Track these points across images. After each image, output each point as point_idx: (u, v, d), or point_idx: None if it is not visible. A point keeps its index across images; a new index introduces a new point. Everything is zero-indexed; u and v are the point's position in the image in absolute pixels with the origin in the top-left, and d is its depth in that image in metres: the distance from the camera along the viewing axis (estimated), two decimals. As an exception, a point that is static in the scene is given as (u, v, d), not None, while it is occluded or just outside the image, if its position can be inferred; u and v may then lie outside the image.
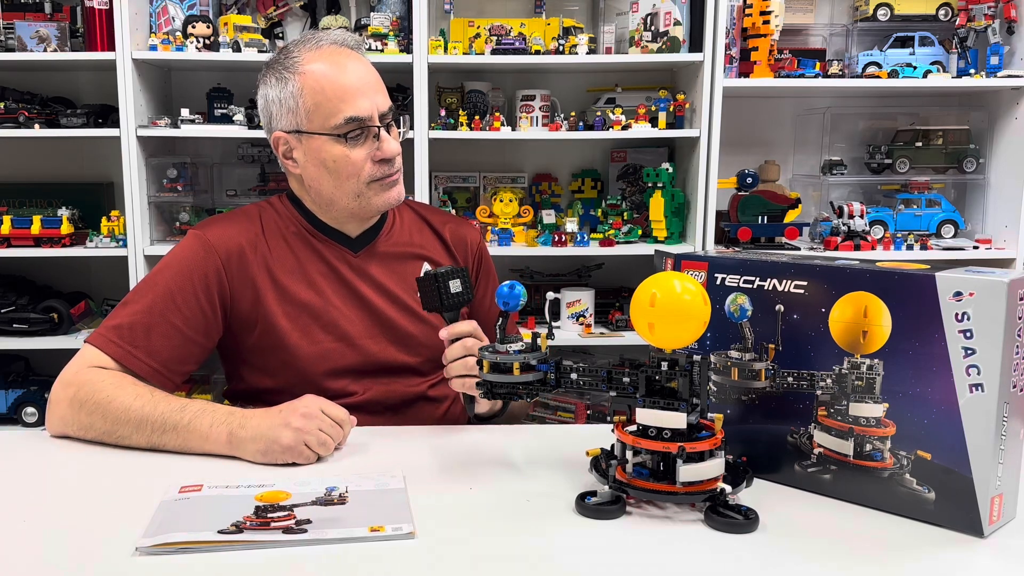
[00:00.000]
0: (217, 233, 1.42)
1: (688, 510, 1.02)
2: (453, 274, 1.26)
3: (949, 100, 2.85)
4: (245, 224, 1.45)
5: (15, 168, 2.73)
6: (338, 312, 1.44)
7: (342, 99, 1.36)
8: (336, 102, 1.36)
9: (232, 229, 1.44)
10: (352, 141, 1.38)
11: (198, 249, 1.40)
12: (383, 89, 1.42)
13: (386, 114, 1.41)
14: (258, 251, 1.43)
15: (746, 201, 2.59)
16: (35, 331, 2.53)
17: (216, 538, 0.93)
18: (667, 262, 1.18)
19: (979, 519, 0.95)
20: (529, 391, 1.07)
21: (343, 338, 1.43)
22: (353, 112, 1.36)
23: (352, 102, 1.36)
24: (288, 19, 2.74)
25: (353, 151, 1.38)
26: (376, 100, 1.39)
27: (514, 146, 2.86)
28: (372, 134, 1.39)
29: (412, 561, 0.91)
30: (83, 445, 1.26)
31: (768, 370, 1.01)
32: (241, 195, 2.73)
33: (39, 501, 1.06)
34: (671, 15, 2.47)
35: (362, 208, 1.43)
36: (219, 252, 1.40)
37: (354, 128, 1.37)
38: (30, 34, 2.43)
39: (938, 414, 0.96)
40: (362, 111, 1.37)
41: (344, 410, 1.24)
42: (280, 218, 1.48)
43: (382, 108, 1.40)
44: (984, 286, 0.92)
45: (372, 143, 1.39)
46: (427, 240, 1.56)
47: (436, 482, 1.13)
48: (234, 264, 1.40)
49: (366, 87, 1.38)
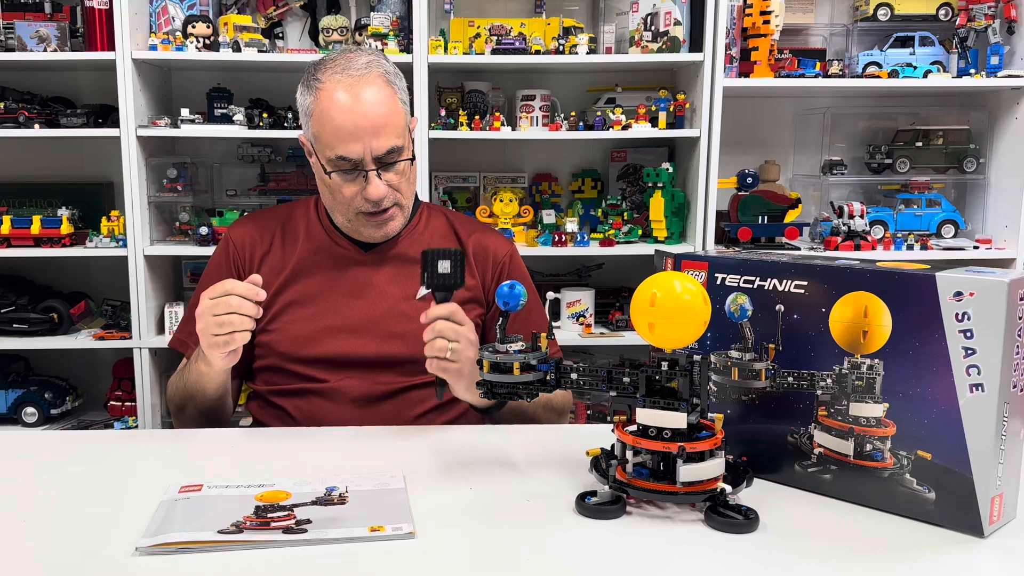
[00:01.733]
0: (236, 229, 1.59)
1: (688, 510, 1.02)
2: (445, 255, 1.25)
3: (949, 100, 2.85)
4: (263, 222, 1.58)
5: (15, 168, 2.73)
6: (326, 304, 1.50)
7: (337, 137, 1.40)
8: (331, 138, 1.41)
9: (249, 226, 1.58)
10: (342, 175, 1.43)
11: (222, 245, 1.58)
12: (389, 127, 1.41)
13: (383, 156, 1.41)
14: (266, 247, 1.54)
15: (746, 201, 2.59)
16: (35, 331, 2.53)
17: (216, 538, 0.93)
18: (667, 262, 1.18)
19: (979, 519, 0.95)
20: (529, 391, 1.07)
21: (325, 328, 1.48)
22: (343, 153, 1.40)
23: (345, 144, 1.40)
24: (288, 19, 2.74)
25: (346, 184, 1.44)
26: (372, 143, 1.40)
27: (514, 146, 2.86)
28: (362, 174, 1.42)
29: (412, 561, 0.91)
30: (83, 445, 1.26)
31: (768, 370, 1.01)
32: (241, 195, 2.73)
33: (39, 501, 1.06)
34: (671, 15, 2.47)
35: (355, 232, 1.51)
36: (236, 244, 1.55)
37: (344, 166, 1.42)
38: (30, 34, 2.43)
39: (938, 414, 0.96)
40: (352, 154, 1.40)
41: (241, 284, 1.27)
42: (306, 216, 1.58)
43: (377, 151, 1.41)
44: (984, 286, 0.92)
45: (363, 181, 1.43)
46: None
47: (436, 482, 1.13)
48: (246, 255, 1.54)
49: (360, 131, 1.39)
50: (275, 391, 1.51)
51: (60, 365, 2.73)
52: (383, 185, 1.43)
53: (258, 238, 1.55)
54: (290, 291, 1.51)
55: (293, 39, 2.75)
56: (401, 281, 1.51)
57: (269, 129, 2.49)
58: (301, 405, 1.48)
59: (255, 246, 1.54)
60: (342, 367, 1.47)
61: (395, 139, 1.42)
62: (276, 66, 2.62)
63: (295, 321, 1.49)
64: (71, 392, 2.67)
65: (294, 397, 1.49)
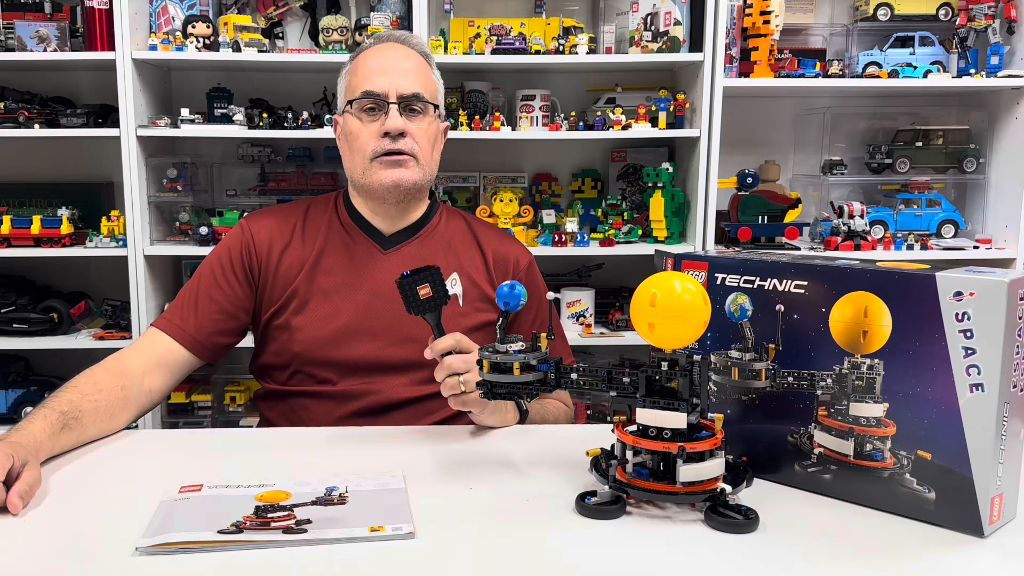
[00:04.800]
0: (256, 220, 1.56)
1: (688, 510, 1.02)
2: (421, 279, 1.23)
3: (949, 100, 2.85)
4: (283, 216, 1.57)
5: (15, 168, 2.73)
6: (344, 303, 1.48)
7: (365, 76, 1.47)
8: (360, 77, 1.48)
9: (269, 219, 1.56)
10: (367, 114, 1.46)
11: (237, 232, 1.55)
12: (418, 79, 1.48)
13: (407, 97, 1.46)
14: (286, 242, 1.52)
15: (746, 201, 2.59)
16: (35, 331, 2.53)
17: (216, 538, 0.93)
18: (667, 262, 1.18)
19: (979, 519, 0.95)
20: (529, 391, 1.07)
21: (342, 330, 1.47)
22: (369, 86, 1.46)
23: (372, 78, 1.46)
24: (288, 19, 2.74)
25: (366, 125, 1.47)
26: (398, 82, 1.46)
27: (514, 146, 2.86)
28: (384, 111, 1.45)
29: (412, 561, 0.91)
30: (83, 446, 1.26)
31: (768, 370, 1.01)
32: (241, 195, 2.73)
33: (39, 501, 1.06)
34: (671, 15, 2.47)
35: (369, 184, 1.48)
36: (253, 235, 1.53)
37: (367, 101, 1.46)
38: (30, 34, 2.43)
39: (938, 414, 0.96)
40: (378, 87, 1.45)
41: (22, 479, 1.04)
42: (326, 211, 1.57)
43: (402, 90, 1.46)
44: (984, 286, 0.92)
45: (383, 119, 1.45)
46: (468, 253, 1.57)
47: (436, 482, 1.13)
48: (264, 248, 1.52)
49: (391, 69, 1.47)
50: (287, 392, 1.50)
51: (60, 365, 2.73)
52: (402, 120, 1.45)
53: (277, 232, 1.53)
54: (309, 287, 1.49)
55: (293, 39, 2.75)
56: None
57: (269, 129, 2.49)
58: (309, 405, 1.47)
59: (273, 241, 1.52)
60: (355, 372, 1.46)
61: (422, 88, 1.48)
62: (276, 66, 2.62)
63: (312, 322, 1.47)
64: (71, 392, 2.66)
65: (304, 398, 1.48)
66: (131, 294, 2.47)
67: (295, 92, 2.68)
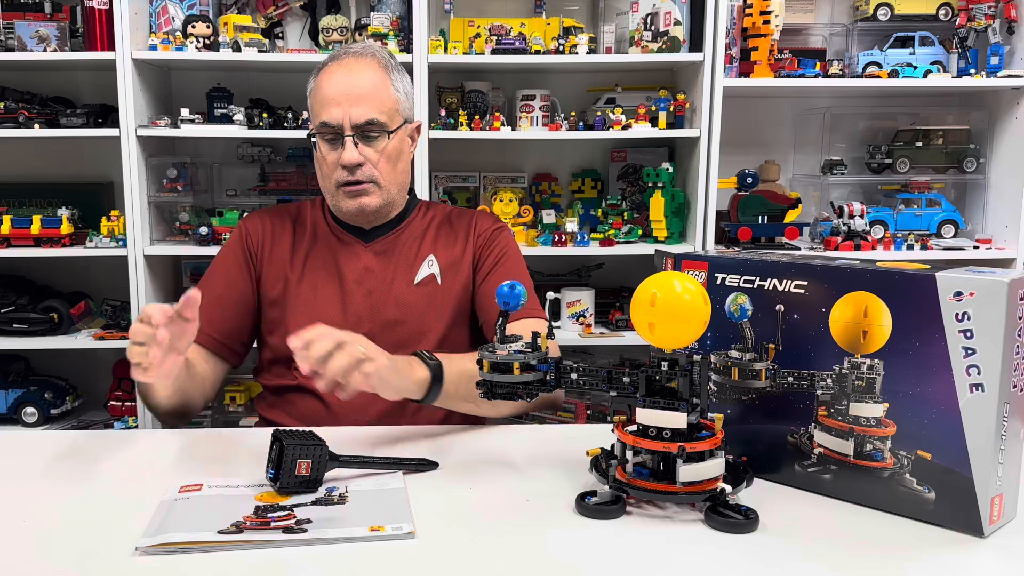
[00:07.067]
0: (251, 219, 1.64)
1: (688, 510, 1.02)
2: (300, 452, 1.06)
3: (949, 100, 2.85)
4: (277, 215, 1.63)
5: (15, 168, 2.73)
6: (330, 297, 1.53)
7: (322, 104, 1.49)
8: (319, 106, 1.50)
9: (265, 218, 1.63)
10: (327, 144, 1.50)
11: (236, 233, 1.62)
12: (372, 103, 1.47)
13: (361, 125, 1.47)
14: (279, 239, 1.59)
15: (746, 201, 2.59)
16: (35, 331, 2.52)
17: (216, 538, 0.93)
18: (667, 262, 1.18)
19: (979, 519, 0.95)
20: (529, 391, 1.07)
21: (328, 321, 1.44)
22: (325, 118, 1.48)
23: (328, 109, 1.48)
24: (288, 19, 2.74)
25: (328, 155, 1.50)
26: (351, 110, 1.46)
27: (514, 146, 2.86)
28: (342, 143, 1.47)
29: (412, 561, 0.91)
30: (83, 445, 1.26)
31: (768, 370, 1.01)
32: (241, 195, 2.73)
33: (39, 501, 1.06)
34: (671, 15, 2.47)
35: (337, 209, 1.56)
36: (250, 233, 1.60)
37: (327, 131, 1.48)
38: (30, 34, 2.43)
39: (938, 414, 0.96)
40: (332, 119, 1.47)
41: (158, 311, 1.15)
42: (314, 209, 1.63)
43: (355, 119, 1.47)
44: (984, 286, 0.92)
45: (341, 151, 1.48)
46: (444, 238, 1.61)
47: (436, 482, 1.13)
48: (260, 246, 1.58)
49: (343, 97, 1.47)
50: (279, 387, 1.54)
51: (60, 365, 2.73)
52: (357, 153, 1.47)
53: (270, 230, 1.60)
54: (298, 283, 1.55)
55: (293, 39, 2.75)
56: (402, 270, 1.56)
57: (269, 129, 2.49)
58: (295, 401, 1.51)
59: (266, 237, 1.59)
60: None
61: (376, 113, 1.47)
62: (276, 66, 2.62)
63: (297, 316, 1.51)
64: (71, 392, 2.66)
65: (293, 393, 1.52)
66: (131, 294, 2.47)
67: (295, 92, 2.66)
